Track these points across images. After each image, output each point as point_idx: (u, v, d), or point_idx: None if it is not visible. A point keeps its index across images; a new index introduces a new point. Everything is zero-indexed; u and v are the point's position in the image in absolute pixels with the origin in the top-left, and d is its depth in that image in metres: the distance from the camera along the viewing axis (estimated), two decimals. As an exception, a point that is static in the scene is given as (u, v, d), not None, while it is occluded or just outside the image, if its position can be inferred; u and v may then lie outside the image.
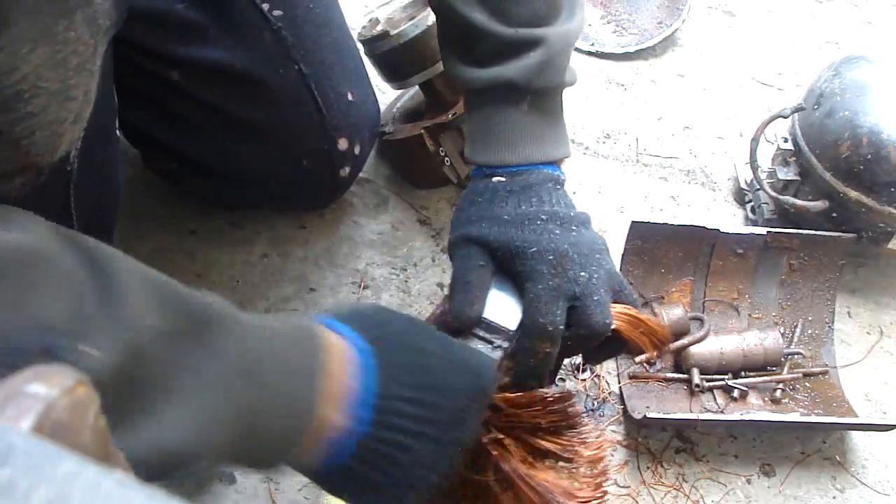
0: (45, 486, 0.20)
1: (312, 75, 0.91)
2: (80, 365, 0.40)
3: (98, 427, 0.26)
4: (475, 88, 0.75)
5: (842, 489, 0.97)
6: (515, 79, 0.72)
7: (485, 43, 0.73)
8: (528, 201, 0.72)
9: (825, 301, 1.08)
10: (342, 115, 0.95)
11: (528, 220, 0.70)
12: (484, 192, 0.73)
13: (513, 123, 0.74)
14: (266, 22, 0.89)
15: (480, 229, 0.71)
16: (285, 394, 0.52)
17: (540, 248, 0.69)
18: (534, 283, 0.69)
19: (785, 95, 1.39)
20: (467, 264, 0.71)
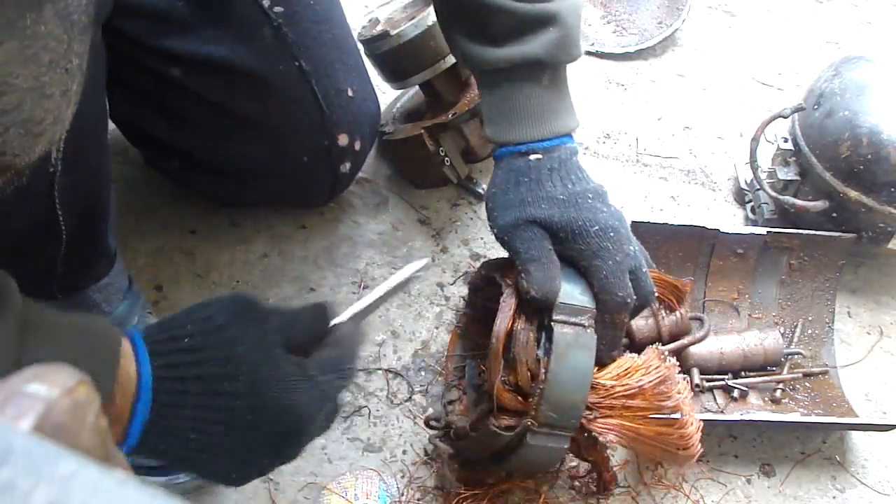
0: (45, 486, 0.20)
1: (313, 71, 0.91)
2: None
3: (98, 427, 0.26)
4: (497, 68, 0.75)
5: (842, 489, 0.97)
6: (541, 56, 0.74)
7: (500, 20, 0.74)
8: (570, 179, 0.75)
9: (825, 301, 1.08)
10: (342, 111, 0.95)
11: (581, 199, 0.74)
12: (527, 171, 0.75)
13: (537, 99, 0.76)
14: (266, 18, 0.89)
15: (542, 210, 0.73)
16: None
17: (601, 226, 0.73)
18: (603, 259, 0.73)
19: (785, 95, 1.39)
20: (536, 245, 0.73)
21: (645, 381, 0.73)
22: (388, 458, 0.93)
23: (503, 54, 0.74)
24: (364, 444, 0.94)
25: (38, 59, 0.48)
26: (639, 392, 0.74)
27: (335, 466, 0.92)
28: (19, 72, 0.47)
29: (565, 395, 0.71)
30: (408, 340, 1.02)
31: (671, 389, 0.74)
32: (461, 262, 1.10)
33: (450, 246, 1.12)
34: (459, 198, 1.18)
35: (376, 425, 0.95)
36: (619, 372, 0.74)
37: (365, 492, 0.87)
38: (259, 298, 0.59)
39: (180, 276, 1.05)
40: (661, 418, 0.74)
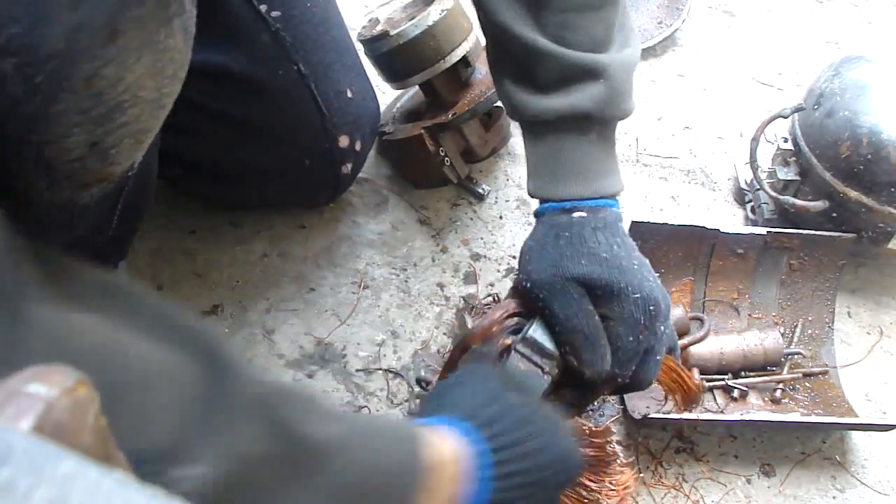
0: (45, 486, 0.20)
1: (311, 74, 0.91)
2: (177, 488, 0.39)
3: (98, 427, 0.26)
4: (543, 119, 0.72)
5: (842, 489, 0.97)
6: (590, 110, 0.71)
7: (547, 67, 0.71)
8: (615, 241, 0.70)
9: (825, 301, 1.08)
10: (342, 112, 0.95)
11: (625, 262, 0.69)
12: (569, 227, 0.71)
13: (584, 154, 0.73)
14: (264, 23, 0.88)
15: (581, 267, 0.68)
16: None
17: (642, 295, 0.68)
18: (627, 330, 0.68)
19: (785, 95, 1.39)
20: (577, 311, 0.68)
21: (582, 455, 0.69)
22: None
23: (550, 104, 0.71)
24: (364, 444, 0.94)
25: (164, 71, 0.49)
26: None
27: (335, 466, 0.92)
28: (148, 84, 0.47)
29: None
30: (408, 340, 1.02)
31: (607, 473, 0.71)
32: (461, 262, 1.10)
33: (450, 246, 1.12)
34: (459, 198, 1.18)
35: (376, 425, 0.95)
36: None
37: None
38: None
39: (180, 276, 1.05)
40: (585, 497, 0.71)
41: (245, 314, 1.02)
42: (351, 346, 1.01)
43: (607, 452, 0.72)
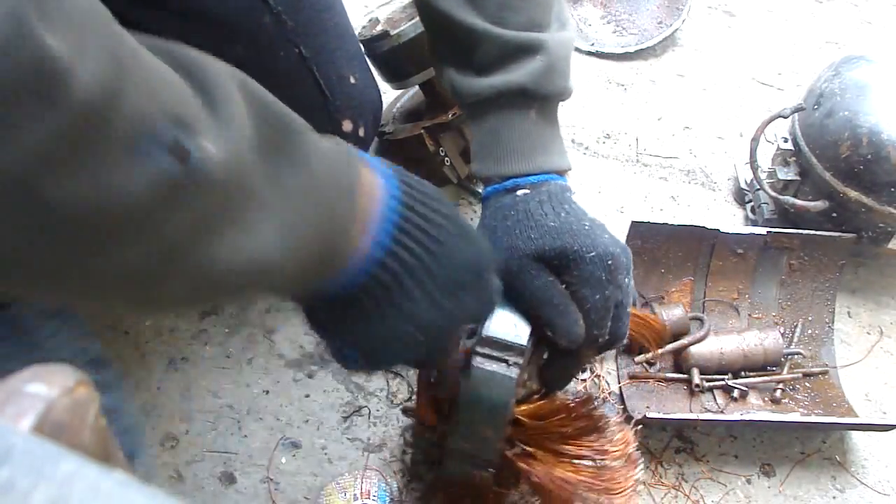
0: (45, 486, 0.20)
1: (314, 58, 0.91)
2: (198, 161, 0.39)
3: (98, 427, 0.26)
4: (482, 98, 0.73)
5: (842, 489, 0.97)
6: (526, 84, 0.71)
7: (485, 48, 0.72)
8: (563, 209, 0.70)
9: (825, 301, 1.08)
10: (345, 96, 0.95)
11: (576, 226, 0.69)
12: (515, 206, 0.70)
13: (524, 132, 0.73)
14: (266, 5, 0.89)
15: (532, 242, 0.68)
16: (334, 210, 0.51)
17: (598, 252, 0.67)
18: (591, 290, 0.67)
19: (785, 95, 1.39)
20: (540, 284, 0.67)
21: (570, 428, 0.70)
22: (388, 458, 0.93)
23: (487, 82, 0.72)
24: (364, 444, 0.94)
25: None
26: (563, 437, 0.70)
27: (335, 466, 0.92)
28: None
29: (477, 428, 0.68)
30: (408, 340, 1.02)
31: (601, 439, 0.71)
32: (461, 262, 1.10)
33: (450, 246, 1.12)
34: (459, 198, 1.18)
35: (376, 425, 0.95)
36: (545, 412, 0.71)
37: (365, 492, 0.87)
38: None
39: (180, 276, 1.04)
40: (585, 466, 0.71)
41: (245, 314, 1.02)
42: (351, 346, 1.01)
43: (596, 418, 0.72)
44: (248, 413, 0.95)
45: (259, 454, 0.92)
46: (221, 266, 0.43)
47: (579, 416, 0.71)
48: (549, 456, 0.71)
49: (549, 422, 0.71)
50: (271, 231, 0.46)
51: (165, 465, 0.91)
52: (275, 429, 0.94)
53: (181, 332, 1.01)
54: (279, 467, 0.92)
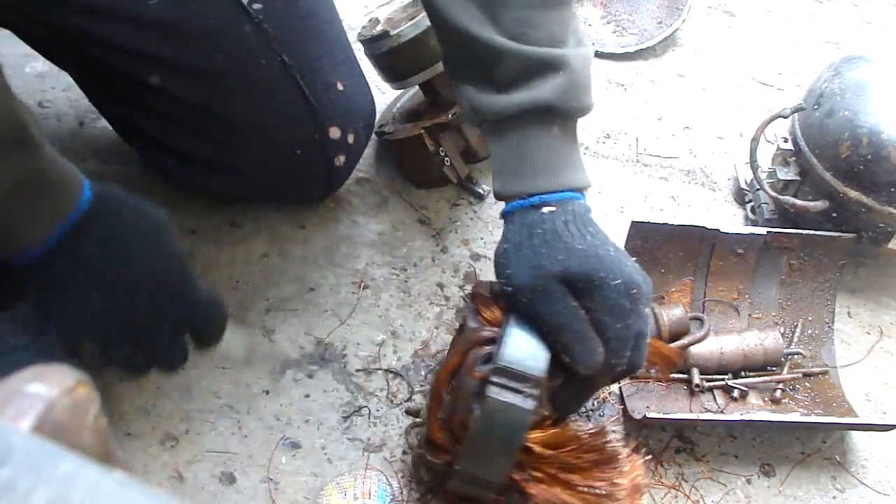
0: (45, 486, 0.20)
1: (296, 66, 0.91)
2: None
3: (98, 427, 0.26)
4: (505, 115, 0.72)
5: (842, 489, 0.97)
6: (550, 100, 0.70)
7: (507, 64, 0.71)
8: (588, 231, 0.70)
9: (825, 301, 1.08)
10: (332, 104, 0.95)
11: (601, 251, 0.68)
12: (541, 224, 0.70)
13: (548, 149, 0.72)
14: (246, 15, 0.88)
15: (559, 262, 0.67)
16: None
17: (624, 281, 0.67)
18: (614, 318, 0.67)
19: (785, 95, 1.39)
20: (563, 309, 0.67)
21: (582, 460, 0.70)
22: (388, 458, 0.93)
23: (511, 100, 0.71)
24: (364, 444, 0.94)
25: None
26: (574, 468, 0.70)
27: (335, 466, 0.92)
28: None
29: (489, 455, 0.68)
30: (408, 340, 1.02)
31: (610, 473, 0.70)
32: (461, 262, 1.11)
33: (450, 246, 1.12)
34: (459, 198, 1.18)
35: (376, 425, 0.95)
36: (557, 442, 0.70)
37: (365, 492, 0.87)
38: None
39: (180, 276, 1.04)
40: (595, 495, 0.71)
41: (245, 314, 1.02)
42: (351, 346, 1.01)
43: (608, 452, 0.71)
44: (248, 413, 0.95)
45: (259, 454, 0.92)
46: None
47: (592, 449, 0.71)
48: (556, 484, 0.70)
49: (560, 452, 0.70)
50: None
51: (165, 465, 0.91)
52: (275, 429, 0.94)
53: (181, 332, 1.01)
54: (279, 467, 0.92)
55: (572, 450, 0.70)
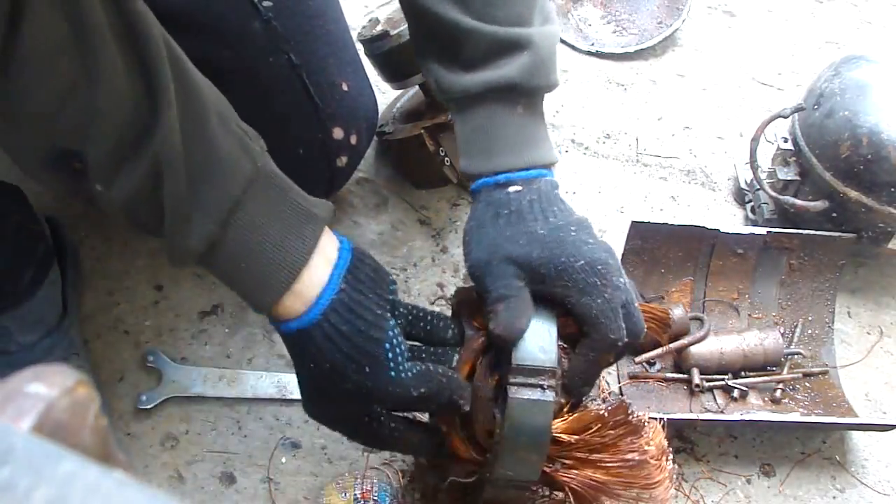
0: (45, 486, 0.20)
1: (304, 65, 0.91)
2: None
3: (98, 427, 0.26)
4: (470, 93, 0.73)
5: (842, 489, 0.97)
6: (514, 79, 0.71)
7: (473, 44, 0.72)
8: (551, 212, 0.71)
9: (825, 301, 1.08)
10: (336, 104, 0.95)
11: (563, 234, 0.69)
12: (507, 204, 0.71)
13: (513, 126, 0.73)
14: (256, 11, 0.88)
15: (519, 247, 0.69)
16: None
17: (587, 260, 0.68)
18: (591, 297, 0.68)
19: (785, 95, 1.39)
20: (505, 283, 0.68)
21: (608, 437, 0.71)
22: (388, 458, 0.93)
23: (476, 79, 0.72)
24: (364, 444, 0.94)
25: None
26: (602, 447, 0.71)
27: (335, 466, 0.92)
28: None
29: (521, 455, 0.68)
30: (408, 340, 1.02)
31: (637, 443, 0.71)
32: (461, 262, 1.10)
33: (450, 246, 1.12)
34: (459, 198, 1.18)
35: (376, 425, 0.95)
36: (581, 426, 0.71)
37: (365, 492, 0.87)
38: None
39: (180, 276, 1.05)
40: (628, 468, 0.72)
41: (245, 314, 1.02)
42: (351, 346, 1.01)
43: (632, 423, 0.72)
44: (248, 413, 0.95)
45: (259, 454, 0.92)
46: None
47: (616, 424, 0.71)
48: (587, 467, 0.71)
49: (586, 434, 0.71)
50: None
51: (165, 465, 0.91)
52: (275, 429, 0.94)
53: (181, 332, 1.01)
54: (279, 467, 0.92)
55: (597, 430, 0.71)
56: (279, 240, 0.63)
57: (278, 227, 0.63)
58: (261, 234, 0.62)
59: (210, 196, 0.59)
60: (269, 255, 0.62)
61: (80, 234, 1.05)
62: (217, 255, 0.62)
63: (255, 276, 0.63)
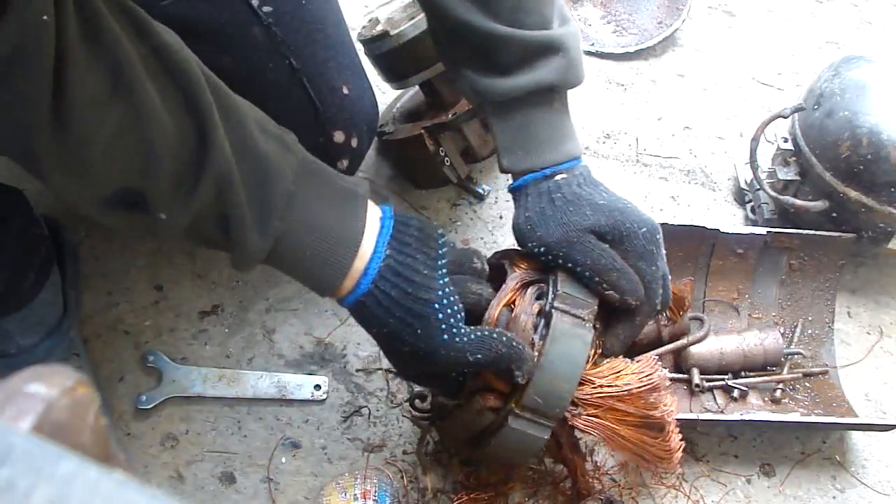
0: (45, 486, 0.20)
1: (304, 69, 0.91)
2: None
3: (98, 427, 0.26)
4: (511, 97, 0.76)
5: (842, 489, 0.97)
6: (554, 81, 0.75)
7: (508, 50, 0.74)
8: (601, 188, 0.77)
9: (825, 301, 1.08)
10: (337, 108, 0.95)
11: (621, 204, 0.76)
12: (558, 189, 0.76)
13: (551, 124, 0.77)
14: (256, 17, 0.89)
15: (588, 218, 0.74)
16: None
17: (648, 228, 0.75)
18: (647, 263, 0.75)
19: (785, 95, 1.39)
20: (600, 253, 0.73)
21: (635, 387, 0.73)
22: (388, 458, 0.93)
23: (516, 83, 0.75)
24: (364, 444, 0.94)
25: None
26: (628, 396, 0.73)
27: (335, 466, 0.92)
28: None
29: (554, 382, 0.71)
30: (408, 340, 1.02)
31: (660, 400, 0.74)
32: (461, 262, 1.10)
33: (450, 246, 1.12)
34: (459, 198, 1.18)
35: (376, 425, 0.95)
36: (612, 373, 0.74)
37: (365, 492, 0.87)
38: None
39: (180, 276, 1.05)
40: (645, 427, 0.74)
41: (245, 314, 1.02)
42: (351, 346, 1.01)
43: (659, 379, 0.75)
44: (248, 413, 0.95)
45: (259, 454, 0.92)
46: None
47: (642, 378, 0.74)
48: (609, 414, 0.74)
49: (615, 380, 0.74)
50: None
51: (165, 465, 0.91)
52: (275, 429, 0.94)
53: (181, 332, 1.01)
54: (279, 467, 0.92)
55: (626, 377, 0.74)
56: (335, 221, 0.67)
57: (331, 209, 0.67)
58: (318, 218, 0.66)
59: (267, 196, 0.63)
60: (330, 236, 0.66)
61: (80, 234, 1.05)
62: (282, 248, 0.66)
63: (320, 258, 0.66)
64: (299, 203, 0.65)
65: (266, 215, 0.63)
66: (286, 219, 0.64)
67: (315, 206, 0.66)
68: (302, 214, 0.65)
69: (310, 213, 0.66)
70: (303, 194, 0.65)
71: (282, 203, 0.64)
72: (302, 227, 0.65)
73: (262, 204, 0.63)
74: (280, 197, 0.64)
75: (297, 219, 0.65)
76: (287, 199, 0.64)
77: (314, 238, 0.66)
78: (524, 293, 0.75)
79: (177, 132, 0.59)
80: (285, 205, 0.64)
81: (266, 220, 0.63)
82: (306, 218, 0.65)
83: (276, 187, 0.64)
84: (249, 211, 0.63)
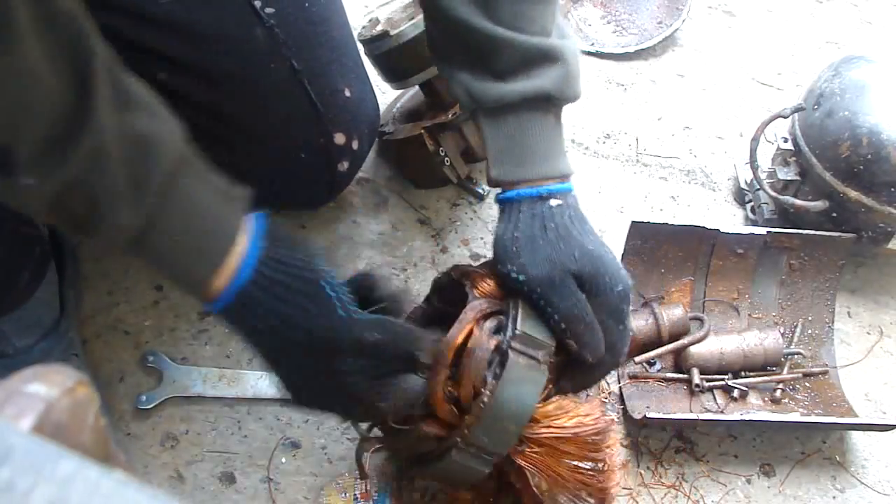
0: (45, 485, 0.20)
1: (305, 71, 0.91)
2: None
3: (98, 427, 0.26)
4: (505, 102, 0.74)
5: (842, 489, 0.97)
6: (550, 90, 0.73)
7: (507, 54, 0.73)
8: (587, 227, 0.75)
9: (825, 301, 1.08)
10: (338, 110, 0.95)
11: (604, 253, 0.74)
12: (552, 218, 0.74)
13: (546, 135, 0.75)
14: (258, 19, 0.88)
15: (574, 262, 0.72)
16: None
17: (624, 287, 0.73)
18: (615, 321, 0.74)
19: (785, 95, 1.39)
20: (579, 305, 0.72)
21: (580, 430, 0.72)
22: (388, 458, 0.93)
23: (512, 88, 0.73)
24: (364, 444, 0.94)
25: None
26: (572, 437, 0.73)
27: (335, 466, 0.92)
28: None
29: (502, 423, 0.70)
30: (408, 340, 1.02)
31: (604, 442, 0.73)
32: (461, 262, 1.10)
33: (450, 246, 1.12)
34: (459, 198, 1.18)
35: (376, 425, 0.95)
36: (559, 412, 0.73)
37: (365, 492, 0.88)
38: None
39: (180, 276, 1.04)
40: (585, 468, 0.74)
41: (245, 314, 1.02)
42: (351, 346, 1.01)
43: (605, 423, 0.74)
44: (248, 413, 0.95)
45: (259, 454, 0.92)
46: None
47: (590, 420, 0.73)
48: (552, 455, 0.73)
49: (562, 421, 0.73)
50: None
51: (165, 465, 0.91)
52: (275, 429, 0.94)
53: (181, 332, 1.01)
54: (279, 467, 0.92)
55: (573, 419, 0.73)
56: (214, 208, 0.64)
57: (211, 197, 0.64)
58: (196, 205, 0.63)
59: (145, 172, 0.60)
60: (207, 222, 0.63)
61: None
62: (155, 232, 0.62)
63: (193, 248, 0.63)
64: (178, 186, 0.62)
65: (141, 191, 0.60)
66: (163, 198, 0.61)
67: (194, 192, 0.63)
68: (179, 197, 0.62)
69: (187, 198, 0.63)
70: (183, 179, 0.63)
71: (160, 180, 0.61)
72: (178, 209, 0.62)
73: (139, 179, 0.60)
74: (158, 175, 0.61)
75: (174, 201, 0.62)
76: (166, 179, 0.61)
77: (190, 224, 0.63)
78: (482, 325, 0.73)
79: (58, 97, 0.56)
80: (163, 183, 0.61)
81: (141, 196, 0.60)
82: (183, 202, 0.63)
83: (156, 166, 0.61)
84: (125, 183, 0.60)
